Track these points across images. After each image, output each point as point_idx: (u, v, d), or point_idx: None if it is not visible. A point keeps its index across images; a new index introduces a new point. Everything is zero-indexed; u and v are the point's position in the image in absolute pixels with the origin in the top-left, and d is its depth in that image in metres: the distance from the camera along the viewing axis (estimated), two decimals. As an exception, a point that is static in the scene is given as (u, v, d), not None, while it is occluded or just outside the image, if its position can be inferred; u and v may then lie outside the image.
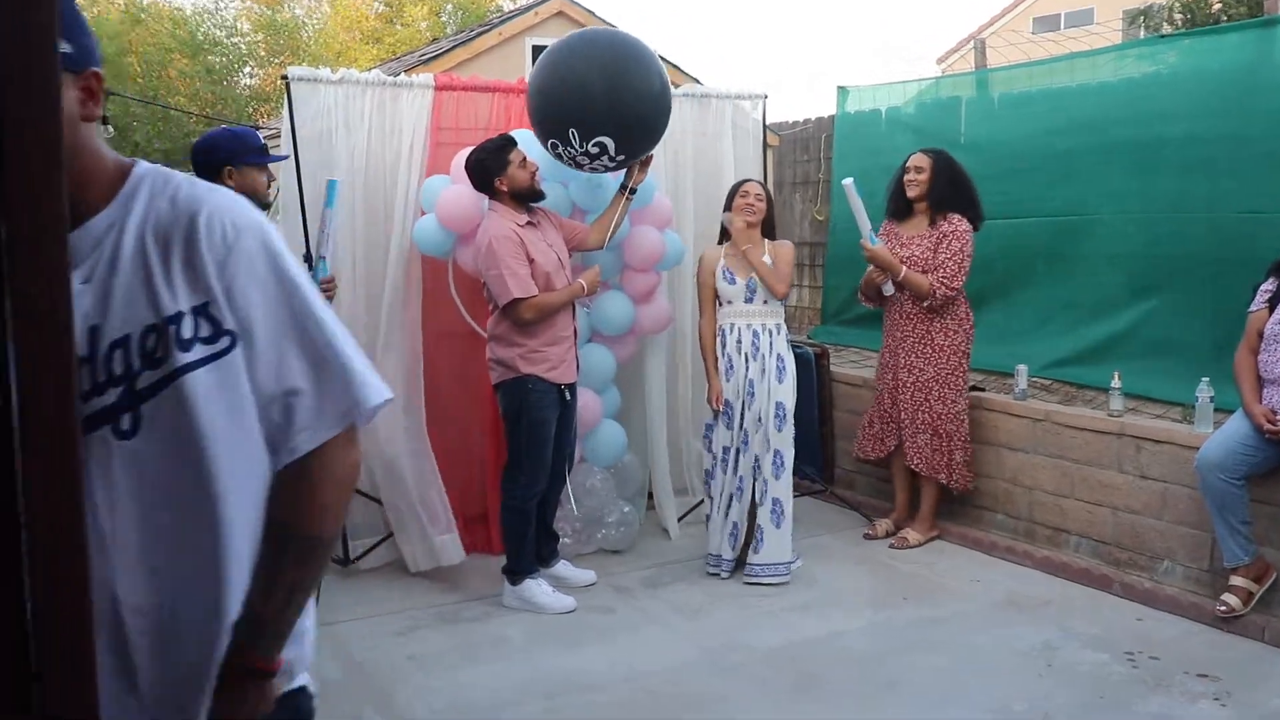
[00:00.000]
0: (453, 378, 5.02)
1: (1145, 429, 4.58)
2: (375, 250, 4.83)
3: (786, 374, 4.68)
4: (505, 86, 5.05)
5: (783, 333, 4.74)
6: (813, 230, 7.89)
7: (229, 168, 3.49)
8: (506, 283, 4.17)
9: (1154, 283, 5.05)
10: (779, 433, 4.65)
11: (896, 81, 6.79)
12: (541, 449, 4.37)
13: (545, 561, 4.65)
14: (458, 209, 4.56)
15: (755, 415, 4.66)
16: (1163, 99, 5.03)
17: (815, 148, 7.91)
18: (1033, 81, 5.81)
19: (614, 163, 4.37)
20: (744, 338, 4.70)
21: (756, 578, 4.66)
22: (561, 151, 4.32)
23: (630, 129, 4.27)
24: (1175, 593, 4.37)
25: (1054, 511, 4.96)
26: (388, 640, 4.16)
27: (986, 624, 4.24)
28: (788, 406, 4.66)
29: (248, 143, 3.57)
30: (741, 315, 4.72)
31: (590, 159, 4.31)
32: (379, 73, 5.05)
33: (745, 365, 4.67)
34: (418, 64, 8.13)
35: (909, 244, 5.03)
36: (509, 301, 4.19)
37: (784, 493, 4.67)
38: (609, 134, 4.22)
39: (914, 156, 5.08)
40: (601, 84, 4.18)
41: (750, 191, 4.72)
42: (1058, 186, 5.52)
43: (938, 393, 5.01)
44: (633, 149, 4.36)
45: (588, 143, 4.24)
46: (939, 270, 4.89)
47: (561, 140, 4.27)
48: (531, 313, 4.22)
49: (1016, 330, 5.70)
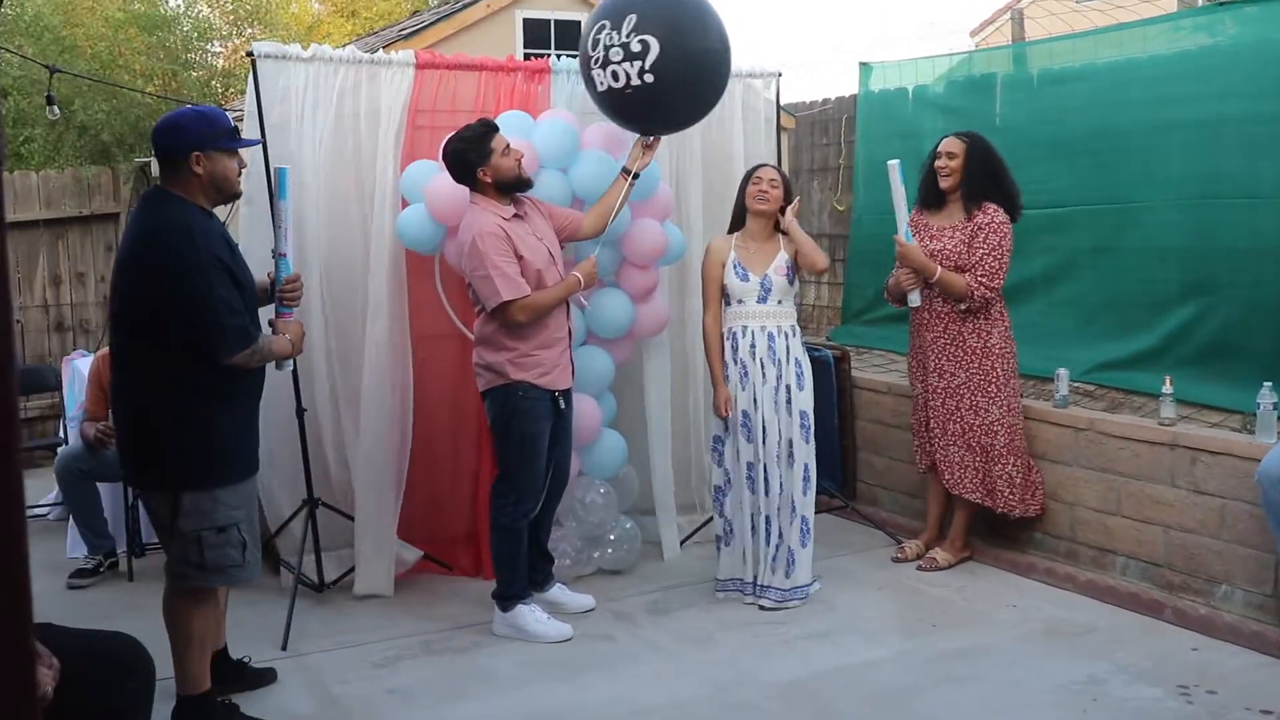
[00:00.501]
0: (440, 384, 5.01)
1: (1200, 439, 4.56)
2: (351, 246, 4.83)
3: (806, 380, 4.69)
4: (493, 65, 5.04)
5: (798, 335, 4.73)
6: (833, 222, 7.89)
7: (197, 153, 3.41)
8: (495, 284, 4.16)
9: (1211, 278, 5.03)
10: (805, 444, 4.65)
11: (924, 57, 6.77)
12: (534, 462, 4.36)
13: (539, 585, 4.64)
14: (448, 199, 4.54)
15: (775, 429, 4.65)
16: (1222, 73, 5.00)
17: (835, 130, 7.91)
18: (1076, 56, 5.79)
19: (634, 84, 4.34)
20: (758, 342, 4.69)
21: (784, 603, 4.66)
22: (601, 36, 4.35)
23: (681, 54, 4.35)
24: (1235, 620, 4.34)
25: (1099, 530, 4.94)
26: (366, 672, 4.14)
27: (1024, 655, 4.21)
28: (809, 415, 4.66)
29: (217, 125, 3.48)
30: (755, 317, 4.71)
31: (619, 58, 4.32)
32: (354, 49, 5.05)
33: (762, 373, 4.67)
34: (397, 39, 8.12)
35: (940, 236, 5.01)
36: (498, 305, 4.18)
37: (810, 510, 4.68)
38: (660, 39, 4.29)
39: (945, 141, 5.05)
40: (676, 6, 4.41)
41: (764, 177, 4.72)
42: (1104, 172, 5.49)
43: (969, 401, 4.98)
44: (666, 80, 4.35)
45: (634, 36, 4.29)
46: (977, 269, 4.86)
47: (613, 22, 4.33)
48: (525, 314, 4.21)
49: (1057, 331, 5.67)
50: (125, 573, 5.24)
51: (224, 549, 3.43)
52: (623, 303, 4.98)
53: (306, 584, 4.82)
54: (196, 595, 3.54)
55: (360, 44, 9.11)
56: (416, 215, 4.67)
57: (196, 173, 3.41)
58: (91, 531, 5.24)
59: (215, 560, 3.44)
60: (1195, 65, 5.14)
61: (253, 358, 3.41)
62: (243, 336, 3.37)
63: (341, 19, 17.21)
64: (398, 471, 4.87)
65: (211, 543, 3.42)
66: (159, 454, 3.42)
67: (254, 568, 3.56)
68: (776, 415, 4.65)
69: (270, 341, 3.51)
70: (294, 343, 3.64)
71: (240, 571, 3.51)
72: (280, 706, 3.88)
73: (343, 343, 4.88)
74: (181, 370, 3.36)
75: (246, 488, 3.55)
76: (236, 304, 3.36)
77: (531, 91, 5.08)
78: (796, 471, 4.65)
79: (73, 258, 8.53)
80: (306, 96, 4.70)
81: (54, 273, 8.46)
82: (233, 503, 3.45)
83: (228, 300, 3.33)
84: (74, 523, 5.34)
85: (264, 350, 3.46)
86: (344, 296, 4.87)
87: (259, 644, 4.27)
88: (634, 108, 4.48)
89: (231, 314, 3.34)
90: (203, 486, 3.41)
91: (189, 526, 3.41)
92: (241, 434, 3.53)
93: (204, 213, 3.46)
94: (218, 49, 13.12)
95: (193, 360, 3.35)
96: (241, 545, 3.45)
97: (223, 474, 3.44)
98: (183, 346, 3.34)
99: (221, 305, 3.31)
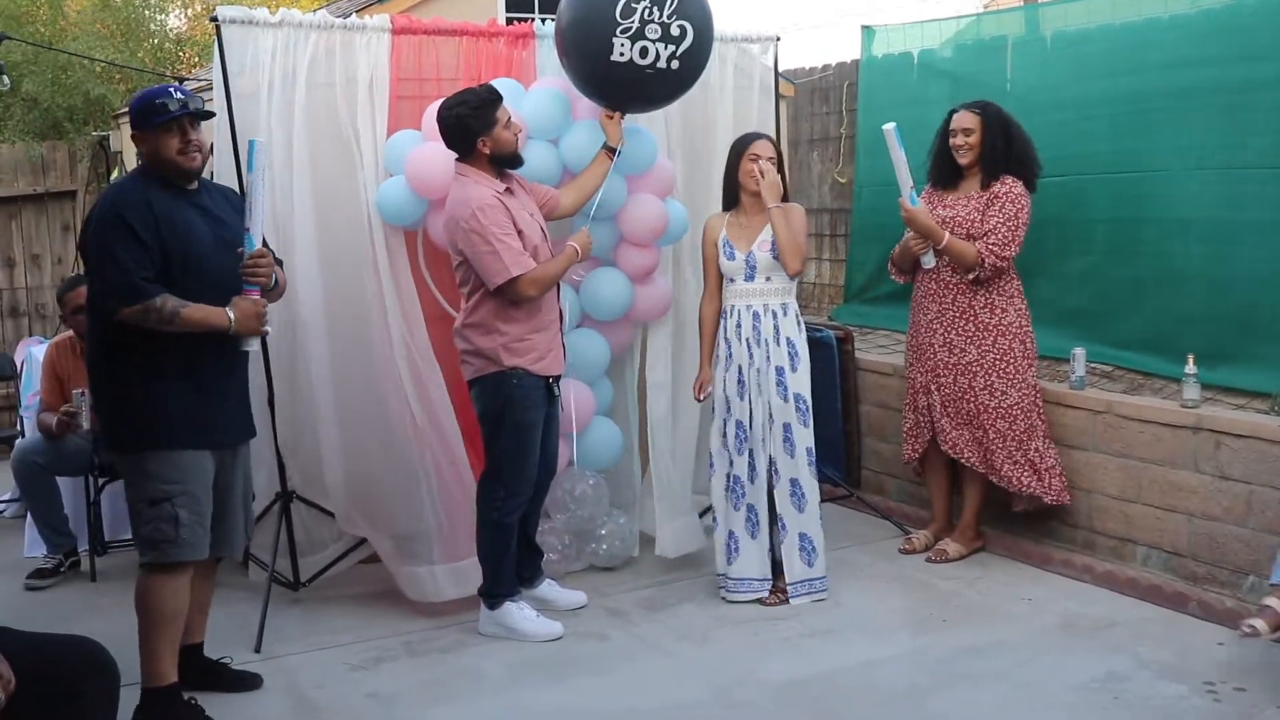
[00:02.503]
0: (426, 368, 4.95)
1: (1226, 422, 4.54)
2: (333, 222, 4.78)
3: (801, 360, 4.65)
4: (474, 30, 4.99)
5: (791, 313, 4.69)
6: (834, 195, 7.85)
7: (135, 133, 3.65)
8: (502, 258, 4.11)
9: (1236, 252, 5.00)
10: (805, 429, 4.63)
11: (930, 20, 6.73)
12: (527, 454, 4.33)
13: (528, 582, 4.62)
14: (430, 170, 4.50)
15: (765, 413, 4.62)
16: (1249, 33, 4.95)
17: (836, 99, 7.87)
18: (1092, 16, 5.74)
19: (659, 66, 4.42)
20: (744, 321, 4.67)
21: (812, 593, 4.69)
22: (639, 7, 4.36)
23: (704, 50, 4.57)
24: (1261, 613, 4.33)
25: (1118, 519, 4.92)
26: (345, 675, 4.12)
27: (1041, 651, 4.20)
28: (805, 398, 4.64)
29: (143, 104, 3.62)
30: (741, 295, 4.69)
31: (656, 36, 4.38)
32: (325, 14, 4.99)
33: (748, 354, 4.64)
34: (370, 3, 8.06)
35: (953, 205, 4.99)
36: (506, 281, 4.14)
37: (816, 496, 4.70)
38: (695, 30, 4.44)
39: (959, 116, 5.01)
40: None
41: (760, 154, 4.66)
42: (1122, 140, 5.46)
43: (983, 380, 4.95)
44: (686, 71, 4.53)
45: (675, 20, 4.39)
46: (989, 236, 4.83)
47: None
48: (535, 288, 4.19)
49: (1072, 308, 5.65)
50: (87, 572, 5.20)
51: (156, 523, 3.55)
52: (620, 283, 4.94)
53: (281, 582, 4.78)
54: (158, 571, 3.61)
55: (332, 9, 9.03)
56: (396, 188, 4.62)
57: (142, 150, 3.68)
58: (51, 529, 5.19)
59: (148, 534, 3.57)
60: (1220, 25, 5.10)
61: (146, 316, 3.46)
62: (127, 292, 3.45)
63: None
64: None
65: (146, 516, 3.57)
66: (102, 413, 3.74)
67: (191, 547, 3.60)
68: (763, 398, 4.63)
69: (188, 308, 3.50)
70: (239, 320, 3.59)
71: (173, 548, 3.57)
72: (255, 712, 3.85)
73: (334, 325, 4.80)
74: (109, 333, 3.55)
75: (183, 460, 3.59)
76: (130, 263, 3.45)
77: (516, 58, 5.03)
78: (799, 459, 4.62)
79: (27, 239, 8.46)
80: (275, 64, 4.63)
81: (6, 254, 8.39)
82: (165, 475, 3.55)
83: (118, 258, 3.45)
84: (32, 520, 5.29)
85: (166, 313, 3.47)
86: (333, 278, 4.79)
87: (231, 645, 4.23)
88: (639, 87, 4.51)
89: (119, 270, 3.45)
90: (125, 450, 3.62)
91: (129, 496, 3.65)
92: (177, 403, 3.58)
93: (161, 183, 3.62)
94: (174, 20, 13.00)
95: (112, 323, 3.51)
96: (174, 520, 3.54)
97: (146, 439, 3.56)
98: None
99: (110, 261, 3.46)
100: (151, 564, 3.60)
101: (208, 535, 3.66)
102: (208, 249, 3.61)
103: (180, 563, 3.60)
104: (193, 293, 3.53)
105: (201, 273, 3.57)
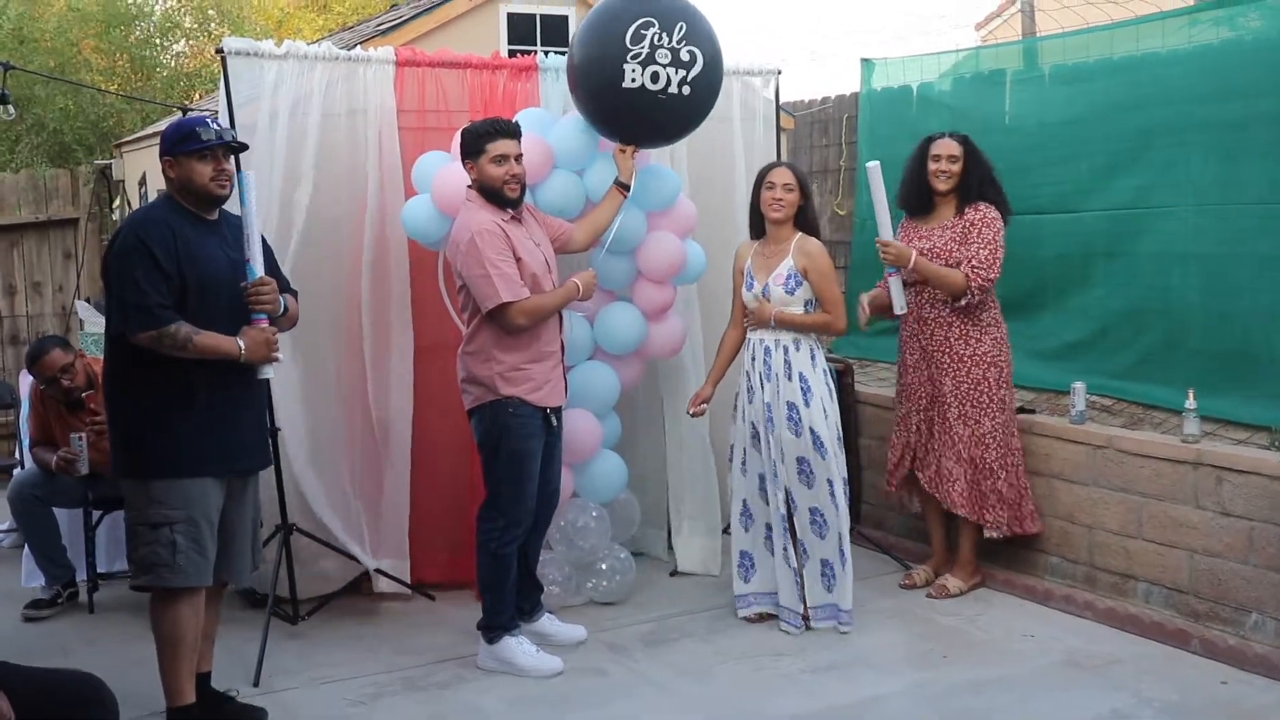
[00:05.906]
0: (442, 394, 4.98)
1: (1227, 456, 4.53)
2: (338, 253, 4.78)
3: (814, 395, 4.64)
4: (478, 62, 5.02)
5: (805, 348, 4.68)
6: (834, 227, 7.86)
7: (167, 159, 3.68)
8: (494, 283, 4.11)
9: (1236, 286, 5.00)
10: (823, 460, 4.62)
11: (929, 53, 6.76)
12: (524, 484, 4.32)
13: (527, 615, 4.60)
14: (455, 190, 4.48)
15: (777, 448, 4.63)
16: (1246, 70, 4.98)
17: (835, 131, 7.89)
18: (1090, 51, 5.77)
19: (671, 92, 4.47)
20: (756, 354, 4.71)
21: (835, 621, 4.71)
22: (649, 34, 4.41)
23: (714, 77, 4.64)
24: (1266, 651, 4.30)
25: (1119, 554, 4.91)
26: (343, 711, 4.09)
27: (1042, 688, 4.18)
28: (820, 432, 4.61)
29: (180, 132, 3.70)
30: (755, 328, 4.72)
31: (666, 61, 4.42)
32: (330, 45, 5.01)
33: (762, 387, 4.66)
34: (374, 35, 8.10)
35: (929, 235, 5.03)
36: (496, 307, 4.14)
37: (845, 526, 4.69)
38: (705, 57, 4.51)
39: (944, 143, 5.05)
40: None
41: (777, 181, 4.68)
42: (1121, 174, 5.48)
43: (957, 411, 4.97)
44: (697, 98, 4.59)
45: (684, 45, 4.45)
46: (971, 260, 4.86)
47: (662, 24, 4.43)
48: (524, 317, 4.18)
49: (1072, 342, 5.66)
50: (85, 604, 5.17)
51: (153, 546, 3.58)
52: (633, 318, 4.94)
53: (280, 616, 4.76)
54: (165, 596, 3.65)
55: (335, 40, 9.07)
56: (421, 205, 4.63)
57: (170, 176, 3.70)
58: (49, 560, 5.16)
59: (145, 557, 3.60)
60: (1217, 61, 5.13)
61: (160, 341, 3.51)
62: (143, 317, 3.51)
63: (312, 14, 17.20)
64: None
65: (145, 539, 3.60)
66: (115, 439, 3.73)
67: (190, 573, 3.62)
68: (771, 432, 4.63)
69: (200, 335, 3.55)
70: (248, 348, 3.63)
71: (169, 573, 3.59)
72: (252, 749, 3.82)
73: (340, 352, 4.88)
74: (122, 358, 3.62)
75: (191, 487, 3.62)
76: (147, 286, 3.50)
77: (519, 90, 5.05)
78: (818, 489, 4.62)
79: (28, 266, 8.46)
80: (280, 95, 4.65)
81: (8, 282, 8.38)
82: (170, 501, 3.58)
83: (137, 281, 3.51)
84: (30, 551, 5.25)
85: (179, 339, 3.52)
86: (336, 305, 4.86)
87: (230, 679, 4.20)
88: (651, 114, 4.53)
89: (137, 294, 3.50)
90: (138, 476, 3.62)
91: (129, 517, 3.66)
92: (196, 431, 3.62)
93: (186, 212, 3.68)
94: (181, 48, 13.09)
95: (130, 348, 3.56)
96: (171, 546, 3.57)
97: (160, 466, 3.59)
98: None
99: (130, 285, 3.51)
100: (144, 588, 3.66)
101: (209, 563, 3.67)
102: (225, 279, 3.67)
103: (181, 588, 3.62)
104: (210, 321, 3.59)
105: (218, 301, 3.64)
